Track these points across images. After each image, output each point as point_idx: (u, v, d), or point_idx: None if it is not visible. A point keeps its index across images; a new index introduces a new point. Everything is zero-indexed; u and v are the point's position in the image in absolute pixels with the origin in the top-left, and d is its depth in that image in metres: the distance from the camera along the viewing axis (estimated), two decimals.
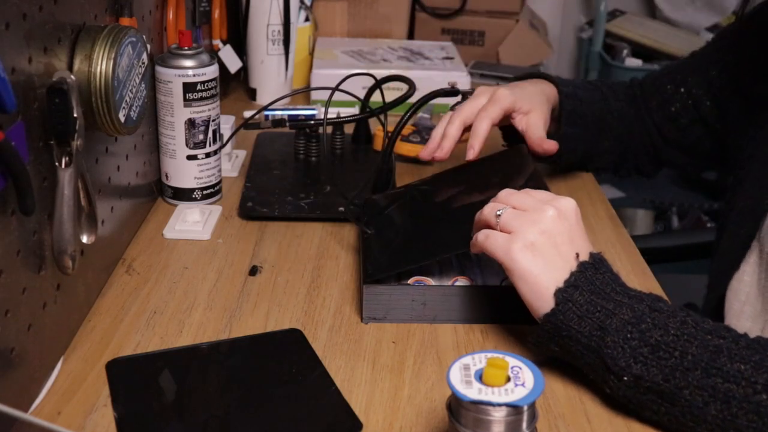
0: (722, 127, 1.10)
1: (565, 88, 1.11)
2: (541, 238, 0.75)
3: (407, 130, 1.25)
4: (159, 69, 1.03)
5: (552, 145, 1.04)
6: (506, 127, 1.10)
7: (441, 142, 1.03)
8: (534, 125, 1.04)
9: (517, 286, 0.76)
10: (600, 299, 0.72)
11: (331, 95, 1.03)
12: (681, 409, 0.68)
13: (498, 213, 0.78)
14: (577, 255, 0.75)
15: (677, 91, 1.14)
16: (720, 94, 1.09)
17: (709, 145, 1.14)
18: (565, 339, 0.73)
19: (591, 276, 0.74)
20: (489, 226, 0.79)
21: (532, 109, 1.05)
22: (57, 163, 0.72)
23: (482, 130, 1.01)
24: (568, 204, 0.78)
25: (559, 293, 0.73)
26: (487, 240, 0.77)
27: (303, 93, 1.53)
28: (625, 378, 0.70)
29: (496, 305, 0.84)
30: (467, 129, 1.04)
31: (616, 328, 0.70)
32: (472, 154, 1.01)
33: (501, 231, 0.77)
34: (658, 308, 0.71)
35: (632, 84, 1.21)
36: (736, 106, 1.07)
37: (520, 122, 1.05)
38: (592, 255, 0.76)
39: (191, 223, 1.02)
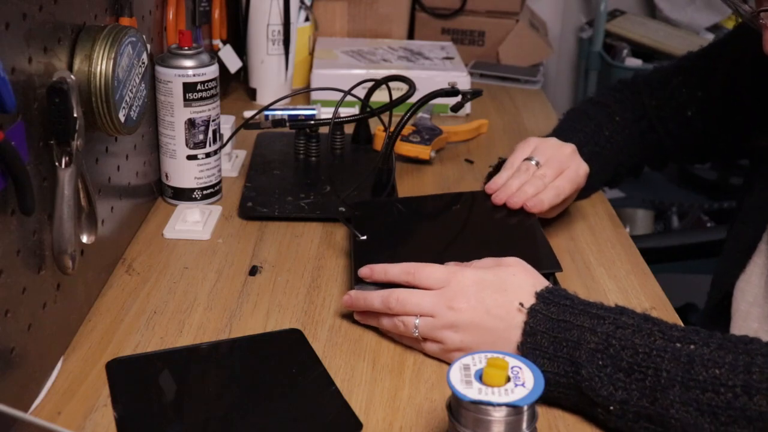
0: (738, 126, 1.08)
1: (585, 149, 1.06)
2: (466, 327, 0.75)
3: (407, 130, 1.25)
4: (159, 69, 1.03)
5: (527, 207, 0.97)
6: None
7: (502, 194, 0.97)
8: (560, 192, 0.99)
9: None
10: (562, 333, 0.71)
11: (342, 99, 1.03)
12: (676, 429, 0.66)
13: (415, 331, 0.78)
14: (521, 304, 0.74)
15: (694, 95, 1.11)
16: (733, 93, 1.08)
17: (727, 143, 1.13)
18: (546, 388, 0.70)
19: (544, 315, 0.72)
20: (413, 339, 0.79)
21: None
22: (57, 163, 0.72)
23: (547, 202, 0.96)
24: (468, 275, 0.77)
25: (521, 346, 0.72)
26: (424, 351, 0.79)
27: (303, 93, 1.53)
28: (611, 408, 0.68)
29: None
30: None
31: (586, 359, 0.69)
32: (498, 200, 0.97)
33: (429, 341, 0.78)
34: (621, 324, 0.70)
35: (636, 89, 1.17)
36: (749, 103, 1.05)
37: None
38: (537, 295, 0.74)
39: (191, 223, 1.02)
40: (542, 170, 0.98)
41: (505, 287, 0.76)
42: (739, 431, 0.64)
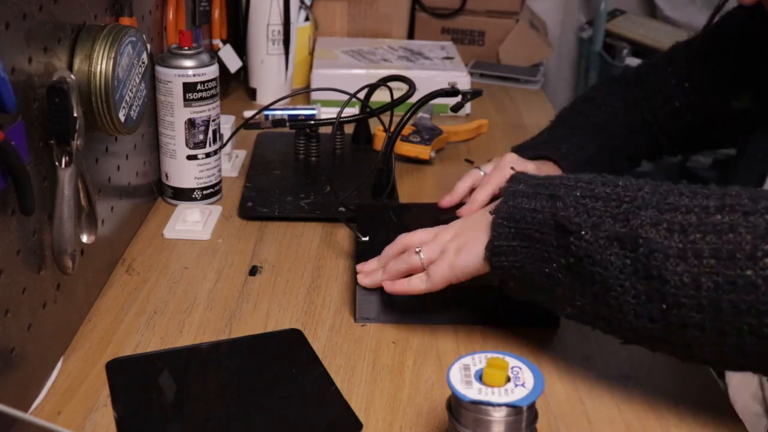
0: (727, 111, 1.09)
1: (566, 162, 1.05)
2: (457, 231, 0.80)
3: (407, 130, 1.25)
4: (159, 69, 1.03)
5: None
6: None
7: (468, 207, 0.99)
8: None
9: (465, 266, 0.77)
10: (546, 181, 0.74)
11: (348, 101, 1.03)
12: (643, 250, 0.65)
13: (420, 255, 0.81)
14: (492, 210, 0.77)
15: (681, 85, 1.12)
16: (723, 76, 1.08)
17: (716, 134, 1.14)
18: (520, 225, 0.72)
19: (530, 176, 0.76)
20: (416, 269, 0.82)
21: None
22: (57, 163, 0.72)
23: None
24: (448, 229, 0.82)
25: (504, 191, 0.75)
26: (431, 279, 0.80)
27: (303, 93, 1.53)
28: (583, 232, 0.68)
29: (492, 306, 0.84)
30: None
31: (565, 192, 0.71)
32: (446, 202, 1.01)
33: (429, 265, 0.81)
34: (603, 177, 0.72)
35: (625, 81, 1.19)
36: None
37: None
38: (511, 177, 0.78)
39: (191, 223, 1.02)
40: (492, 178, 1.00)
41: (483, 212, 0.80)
42: (707, 246, 0.63)
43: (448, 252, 0.79)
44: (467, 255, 0.77)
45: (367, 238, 0.93)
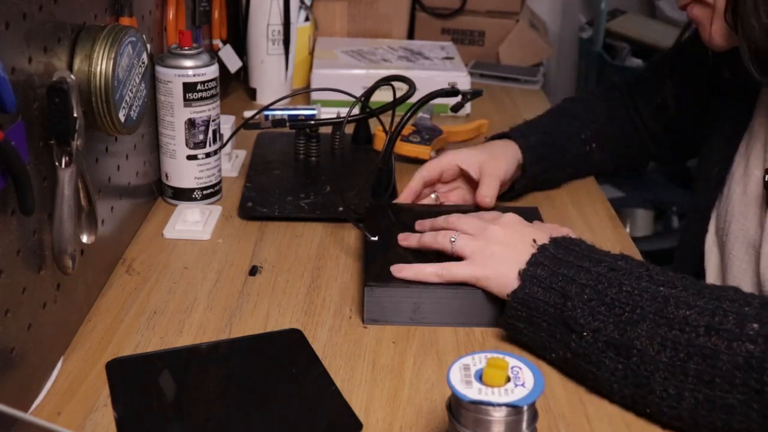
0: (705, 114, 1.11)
1: (524, 139, 1.10)
2: (494, 247, 0.83)
3: (407, 130, 1.25)
4: (159, 69, 1.03)
5: (486, 203, 1.02)
6: None
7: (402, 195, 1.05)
8: (486, 181, 1.03)
9: (487, 288, 0.83)
10: (562, 269, 0.77)
11: (354, 104, 1.04)
12: (636, 360, 0.70)
13: (452, 240, 0.86)
14: (534, 240, 0.82)
15: (663, 83, 1.16)
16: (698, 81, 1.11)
17: (693, 134, 1.15)
18: (532, 312, 0.77)
19: (552, 253, 0.79)
20: (444, 251, 0.87)
21: (484, 168, 1.05)
22: (57, 163, 0.72)
23: (413, 183, 1.05)
24: (510, 217, 0.87)
25: (523, 273, 0.79)
26: (445, 271, 0.84)
27: (303, 93, 1.53)
28: (585, 334, 0.73)
29: (500, 309, 0.84)
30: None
31: (576, 292, 0.75)
32: (401, 198, 1.04)
33: (456, 255, 0.85)
34: (616, 267, 0.76)
35: (614, 86, 1.24)
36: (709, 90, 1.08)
37: (474, 173, 1.05)
38: (552, 238, 0.81)
39: (191, 223, 1.02)
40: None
41: (537, 228, 0.86)
42: (692, 367, 0.68)
43: (476, 259, 0.84)
44: (492, 281, 0.82)
45: (376, 238, 0.93)
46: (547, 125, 1.17)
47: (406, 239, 0.92)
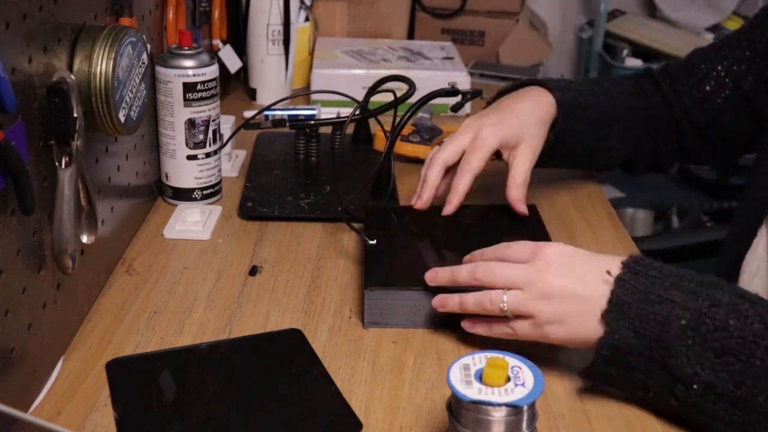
0: (763, 101, 1.05)
1: (561, 92, 1.04)
2: (559, 300, 0.72)
3: (407, 130, 1.25)
4: (159, 69, 1.03)
5: (522, 210, 0.97)
6: None
7: (421, 191, 0.97)
8: (518, 166, 0.97)
9: (561, 342, 0.74)
10: (651, 306, 0.69)
11: (356, 109, 1.04)
12: (758, 416, 0.65)
13: (503, 305, 0.75)
14: (608, 272, 0.72)
15: (713, 69, 1.08)
16: None
17: (743, 126, 1.08)
18: (625, 358, 0.70)
19: (633, 286, 0.70)
20: (496, 315, 0.76)
21: (521, 141, 0.98)
22: (57, 163, 0.72)
23: (463, 187, 0.95)
24: (555, 247, 0.76)
25: (606, 316, 0.70)
26: (514, 333, 0.76)
27: (302, 92, 1.53)
28: (695, 386, 0.67)
29: None
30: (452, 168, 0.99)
31: (675, 335, 0.67)
32: (449, 209, 0.96)
33: (518, 319, 0.75)
34: (716, 302, 0.67)
35: (650, 73, 1.16)
36: None
37: (507, 158, 0.99)
38: (624, 264, 0.72)
39: (191, 223, 1.02)
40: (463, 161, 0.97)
41: (592, 257, 0.74)
42: None
43: (540, 318, 0.73)
44: (570, 338, 0.73)
45: (374, 242, 0.92)
46: (583, 88, 1.09)
47: (442, 302, 0.80)
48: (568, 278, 0.73)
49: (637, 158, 1.15)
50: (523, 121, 0.99)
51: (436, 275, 0.81)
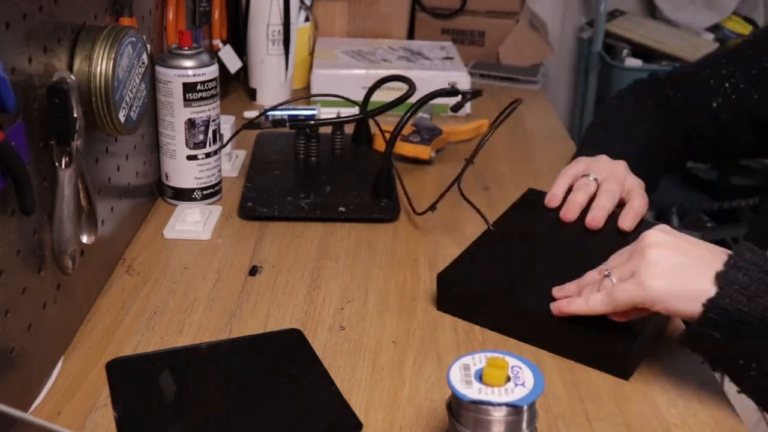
0: None
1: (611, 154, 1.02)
2: (672, 256, 0.72)
3: (407, 130, 1.25)
4: (159, 69, 1.03)
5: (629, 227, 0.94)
6: None
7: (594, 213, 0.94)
8: (636, 203, 0.95)
9: (666, 310, 0.71)
10: (765, 276, 0.68)
11: (358, 114, 1.03)
12: None
13: (606, 272, 0.76)
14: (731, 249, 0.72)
15: (721, 86, 1.09)
16: None
17: (750, 139, 1.09)
18: (734, 323, 0.68)
19: (751, 257, 0.70)
20: (605, 289, 0.76)
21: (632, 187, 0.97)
22: (57, 163, 0.72)
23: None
24: (661, 228, 0.76)
25: (721, 276, 0.69)
26: (611, 297, 0.74)
27: (302, 93, 1.53)
28: None
29: (563, 336, 0.81)
30: None
31: None
32: (570, 217, 0.95)
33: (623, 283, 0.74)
34: None
35: (660, 84, 1.17)
36: None
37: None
38: (742, 242, 0.73)
39: (191, 223, 1.02)
40: (607, 185, 0.96)
41: (694, 241, 0.75)
42: None
43: (640, 273, 0.72)
44: (676, 294, 0.70)
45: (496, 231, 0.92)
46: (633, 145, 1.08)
47: (565, 305, 0.79)
48: (676, 239, 0.74)
49: (666, 164, 1.16)
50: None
51: (564, 290, 0.82)
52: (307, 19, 1.54)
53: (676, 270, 0.71)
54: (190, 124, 1.04)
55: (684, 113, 1.13)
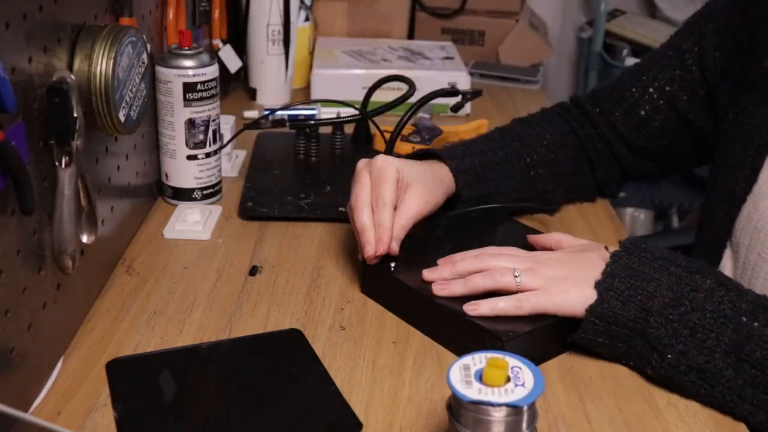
0: (702, 119, 1.02)
1: (456, 161, 0.98)
2: (564, 269, 0.80)
3: (407, 130, 1.25)
4: (159, 69, 1.03)
5: (393, 251, 0.86)
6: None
7: (366, 239, 0.86)
8: (405, 207, 0.88)
9: (567, 314, 0.78)
10: (639, 281, 0.76)
11: (358, 116, 1.03)
12: (722, 389, 0.73)
13: (516, 275, 0.80)
14: (607, 248, 0.80)
15: (645, 93, 1.05)
16: (702, 80, 1.00)
17: (685, 145, 1.06)
18: (611, 326, 0.76)
19: (626, 262, 0.77)
20: (505, 290, 0.80)
21: (414, 182, 0.90)
22: (57, 163, 0.72)
23: (387, 221, 0.86)
24: (545, 254, 0.84)
25: (599, 285, 0.76)
26: (524, 303, 0.78)
27: (302, 92, 1.53)
28: (669, 356, 0.74)
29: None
30: None
31: (658, 310, 0.74)
32: (380, 248, 0.85)
33: (522, 291, 0.79)
34: (696, 287, 0.75)
35: (578, 103, 1.12)
36: (721, 89, 0.98)
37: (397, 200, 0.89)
38: (620, 243, 0.79)
39: (191, 223, 1.02)
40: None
41: (587, 243, 0.85)
42: None
43: (551, 287, 0.79)
44: (571, 304, 0.78)
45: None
46: (486, 146, 1.03)
47: (443, 286, 0.82)
48: (565, 254, 0.83)
49: (574, 197, 1.12)
50: (421, 171, 0.93)
51: (436, 272, 0.84)
52: (307, 19, 1.54)
53: (577, 283, 0.78)
54: (190, 124, 1.04)
55: (609, 129, 1.08)
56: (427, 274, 0.84)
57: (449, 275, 0.83)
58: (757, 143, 0.90)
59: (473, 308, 0.79)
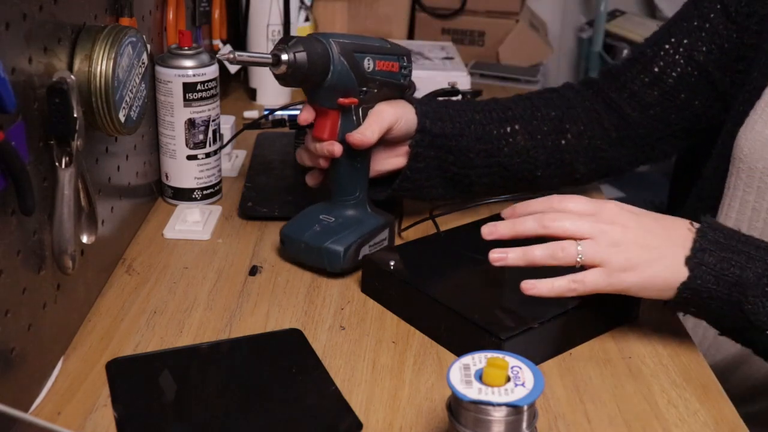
0: (720, 69, 0.99)
1: (420, 103, 0.98)
2: (632, 243, 0.75)
3: None
4: (159, 69, 1.03)
5: (354, 141, 0.91)
6: None
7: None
8: (377, 111, 0.92)
9: (639, 293, 0.76)
10: (730, 254, 0.74)
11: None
12: None
13: (579, 255, 0.75)
14: (691, 223, 0.77)
15: (661, 50, 1.02)
16: (725, 23, 0.98)
17: (698, 103, 1.02)
18: (705, 301, 0.75)
19: (713, 236, 0.75)
20: (569, 265, 0.75)
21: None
22: (57, 163, 0.72)
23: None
24: (613, 205, 0.78)
25: (690, 261, 0.74)
26: (579, 285, 0.75)
27: (302, 93, 1.52)
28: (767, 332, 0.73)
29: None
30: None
31: (753, 282, 0.73)
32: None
33: (589, 269, 0.75)
34: None
35: (589, 81, 1.09)
36: (749, 29, 0.97)
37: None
38: (702, 221, 0.77)
39: (191, 223, 1.02)
40: None
41: (654, 214, 0.79)
42: None
43: (612, 265, 0.74)
44: (636, 278, 0.75)
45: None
46: (458, 103, 1.02)
47: (501, 256, 0.77)
48: (638, 228, 0.76)
49: (561, 154, 1.04)
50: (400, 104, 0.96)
51: (496, 228, 0.79)
52: (307, 19, 1.54)
53: (647, 261, 0.74)
54: (190, 124, 1.04)
55: (619, 91, 1.04)
56: (486, 232, 0.79)
57: (508, 234, 0.78)
58: None
59: (529, 287, 0.75)
